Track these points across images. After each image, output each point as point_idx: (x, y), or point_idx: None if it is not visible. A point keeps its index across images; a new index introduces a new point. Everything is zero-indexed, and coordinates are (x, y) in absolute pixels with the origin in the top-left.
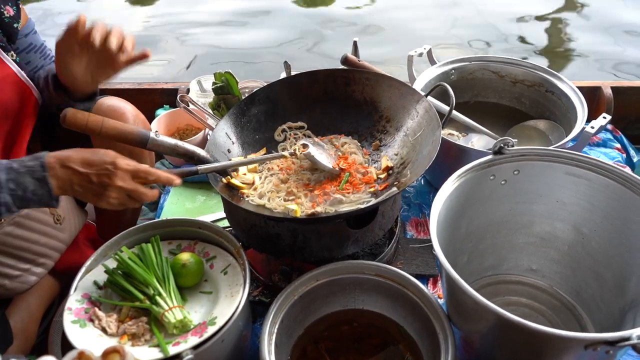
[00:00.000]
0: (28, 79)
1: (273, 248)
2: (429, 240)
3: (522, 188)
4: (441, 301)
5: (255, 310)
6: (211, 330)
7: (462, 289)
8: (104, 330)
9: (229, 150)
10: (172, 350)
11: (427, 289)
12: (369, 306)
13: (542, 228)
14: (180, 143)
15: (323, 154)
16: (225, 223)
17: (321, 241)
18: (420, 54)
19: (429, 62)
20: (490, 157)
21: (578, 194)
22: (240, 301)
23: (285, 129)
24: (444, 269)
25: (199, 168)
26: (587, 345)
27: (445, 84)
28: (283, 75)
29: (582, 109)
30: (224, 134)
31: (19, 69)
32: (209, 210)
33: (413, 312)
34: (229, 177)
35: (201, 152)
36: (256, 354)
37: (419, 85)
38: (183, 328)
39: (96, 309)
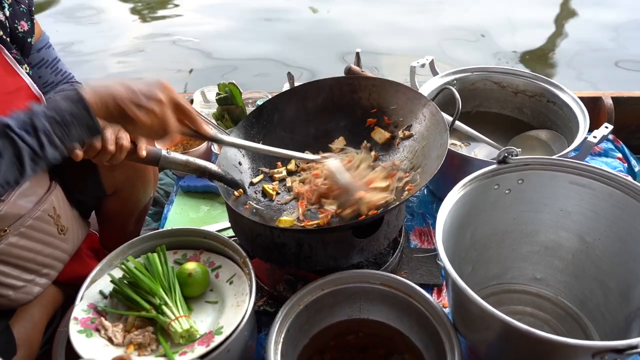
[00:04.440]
0: (40, 91)
1: (278, 257)
2: (433, 250)
3: (527, 197)
4: (446, 310)
5: (260, 320)
6: (218, 339)
7: (469, 298)
8: (110, 340)
9: (239, 163)
10: (184, 358)
11: (433, 298)
12: (374, 316)
13: (546, 237)
14: (191, 159)
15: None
16: (229, 233)
17: (326, 250)
18: (423, 65)
19: (431, 73)
20: (494, 166)
21: (582, 202)
22: (246, 311)
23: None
24: (450, 277)
25: (224, 138)
26: (595, 354)
27: (451, 87)
28: (286, 85)
29: (583, 119)
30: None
31: (32, 81)
32: (213, 220)
33: (418, 322)
34: (240, 190)
35: (212, 166)
36: None
37: None
38: (189, 338)
39: (102, 318)
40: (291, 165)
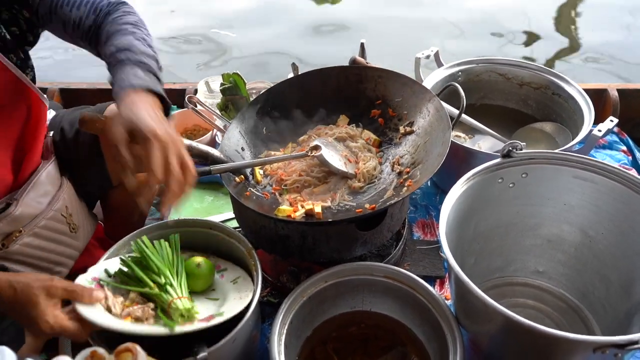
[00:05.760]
0: (32, 82)
1: (282, 249)
2: (436, 242)
3: (530, 191)
4: (448, 303)
5: (264, 311)
6: (218, 319)
7: (472, 292)
8: (109, 309)
9: (242, 149)
10: (178, 329)
11: (435, 291)
12: (376, 308)
13: (549, 230)
14: (194, 144)
15: (335, 155)
16: (233, 223)
17: (330, 243)
18: (428, 56)
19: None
20: (498, 160)
21: (585, 196)
22: (252, 300)
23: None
24: (453, 271)
25: (211, 168)
26: (596, 348)
27: (456, 84)
28: (290, 76)
29: (588, 112)
30: (237, 133)
31: (22, 73)
32: (217, 211)
33: (421, 314)
34: (242, 175)
35: (215, 152)
36: (264, 354)
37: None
38: (189, 318)
39: (105, 288)
40: (287, 150)
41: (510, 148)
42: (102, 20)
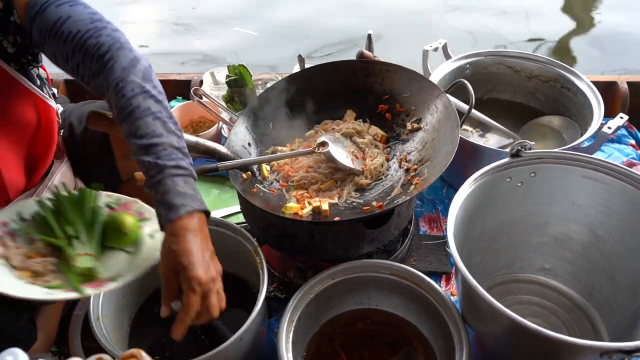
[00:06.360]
0: (37, 87)
1: (290, 247)
2: (442, 237)
3: (538, 190)
4: (454, 298)
5: (271, 306)
6: (111, 286)
7: (479, 294)
8: (7, 259)
9: (249, 144)
10: (59, 295)
11: (441, 288)
12: (383, 305)
13: (556, 229)
14: (201, 141)
15: (342, 151)
16: (240, 217)
17: (337, 241)
18: (436, 49)
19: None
20: (507, 159)
21: (594, 196)
22: (259, 300)
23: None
24: (460, 272)
25: (218, 165)
26: (603, 353)
27: (466, 82)
28: (297, 68)
29: (598, 107)
30: (243, 128)
31: (25, 79)
32: (223, 204)
33: (427, 312)
34: (249, 172)
35: (222, 149)
36: (271, 349)
37: (434, 80)
38: (88, 278)
39: (8, 237)
40: (294, 145)
41: (519, 147)
42: (99, 69)
